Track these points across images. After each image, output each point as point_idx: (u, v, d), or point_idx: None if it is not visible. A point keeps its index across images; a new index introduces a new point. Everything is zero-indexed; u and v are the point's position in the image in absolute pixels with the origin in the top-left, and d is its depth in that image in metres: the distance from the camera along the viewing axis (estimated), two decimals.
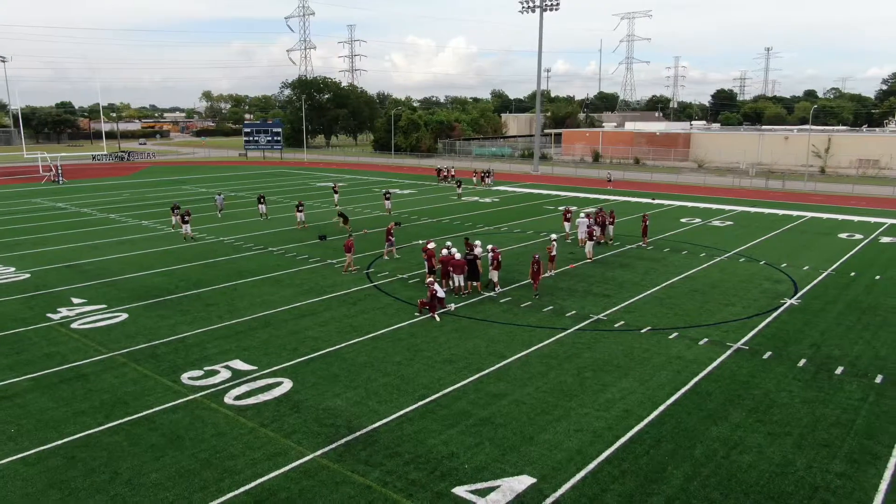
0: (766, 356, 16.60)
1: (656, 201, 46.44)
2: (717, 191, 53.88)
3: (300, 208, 35.98)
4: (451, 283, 22.25)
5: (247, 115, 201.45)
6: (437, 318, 19.52)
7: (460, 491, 10.76)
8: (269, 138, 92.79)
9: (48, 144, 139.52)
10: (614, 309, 20.62)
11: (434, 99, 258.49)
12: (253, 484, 10.96)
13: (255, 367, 15.97)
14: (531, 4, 66.93)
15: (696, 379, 15.22)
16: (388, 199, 41.34)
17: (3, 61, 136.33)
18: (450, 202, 46.24)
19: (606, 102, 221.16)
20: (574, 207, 38.25)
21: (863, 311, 20.39)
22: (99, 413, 13.57)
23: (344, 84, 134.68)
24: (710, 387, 14.81)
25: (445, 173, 60.09)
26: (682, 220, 37.97)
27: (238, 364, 16.18)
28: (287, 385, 14.93)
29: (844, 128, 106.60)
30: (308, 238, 32.23)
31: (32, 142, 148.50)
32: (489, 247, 23.10)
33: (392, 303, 21.33)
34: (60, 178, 59.76)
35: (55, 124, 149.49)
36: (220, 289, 23.10)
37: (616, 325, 19.03)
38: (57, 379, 15.29)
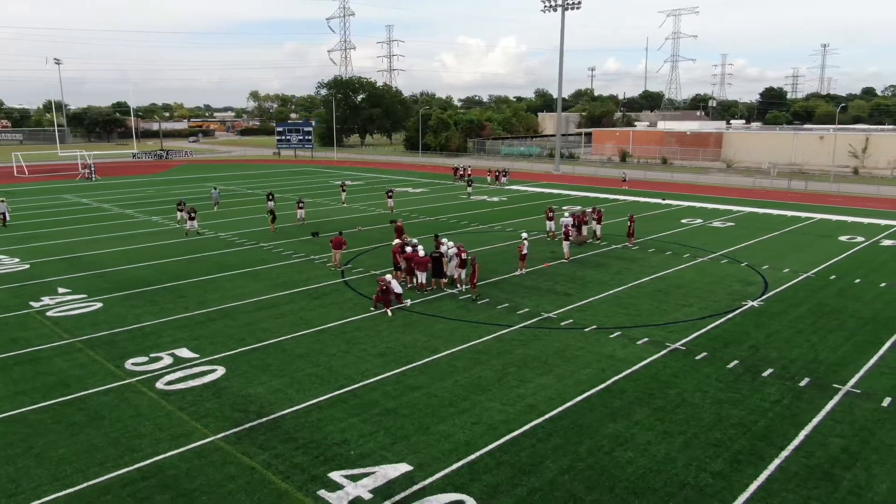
0: (699, 357, 16.54)
1: (666, 201, 45.83)
2: (733, 191, 52.73)
3: (300, 205, 36.99)
4: (415, 279, 22.72)
5: (292, 115, 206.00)
6: (390, 314, 20.02)
7: (335, 475, 11.26)
8: (301, 137, 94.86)
9: (98, 143, 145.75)
10: (568, 308, 20.74)
11: (477, 98, 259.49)
12: (147, 462, 11.70)
13: (198, 356, 16.80)
14: (553, 3, 66.66)
15: (616, 377, 15.31)
16: (390, 197, 42.04)
17: (58, 63, 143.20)
18: (457, 201, 46.63)
19: (651, 101, 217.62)
20: (557, 207, 38.15)
21: (823, 314, 19.97)
22: (37, 393, 14.57)
23: (380, 84, 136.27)
24: (627, 385, 14.90)
25: (462, 172, 60.44)
26: (683, 221, 37.46)
27: (183, 352, 17.04)
28: (219, 373, 15.69)
29: (890, 127, 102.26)
30: (303, 234, 33.15)
31: (85, 140, 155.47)
32: (450, 244, 23.47)
33: (353, 298, 21.94)
34: (93, 175, 62.64)
35: (105, 123, 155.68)
36: (197, 282, 24.14)
37: (563, 324, 19.18)
38: (12, 361, 16.42)
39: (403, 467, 11.49)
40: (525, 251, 24.97)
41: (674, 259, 27.49)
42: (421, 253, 22.65)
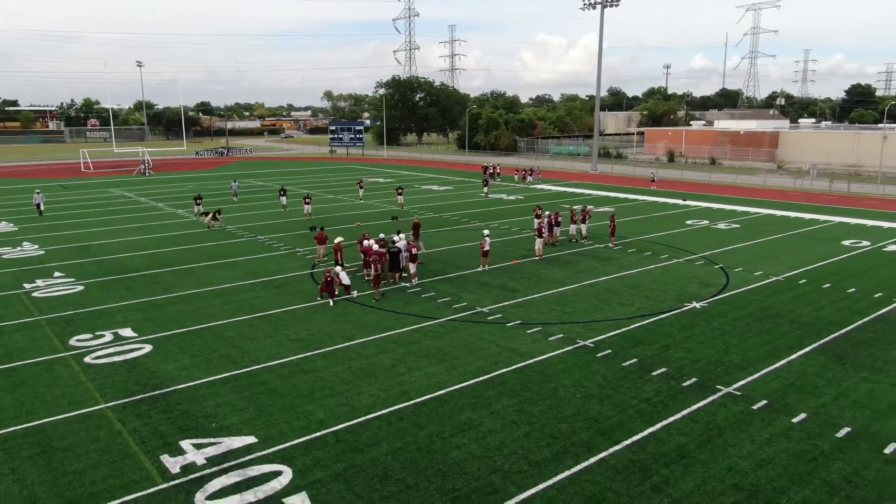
0: (600, 354, 16.67)
1: (686, 202, 44.77)
2: (766, 193, 50.69)
3: (307, 200, 38.64)
4: (370, 272, 23.62)
5: (364, 114, 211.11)
6: (332, 303, 21.04)
7: (185, 443, 12.35)
8: (352, 136, 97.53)
9: (175, 140, 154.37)
10: (507, 303, 21.13)
11: (547, 97, 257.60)
12: (36, 423, 13.17)
13: (136, 335, 18.36)
14: (591, 2, 65.90)
15: (504, 370, 15.72)
16: (400, 194, 43.10)
17: (140, 66, 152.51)
18: (473, 199, 47.15)
19: (728, 99, 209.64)
20: (567, 206, 38.03)
21: (762, 317, 19.50)
22: None
23: (438, 83, 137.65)
24: (510, 377, 15.29)
25: (491, 170, 60.85)
26: (688, 222, 36.65)
27: (126, 331, 18.64)
28: (145, 350, 17.15)
29: None
30: (300, 229, 34.70)
31: (163, 138, 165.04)
32: (400, 238, 24.29)
33: (311, 288, 23.07)
34: (147, 171, 66.98)
35: (181, 123, 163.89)
36: (177, 270, 25.97)
37: (490, 318, 19.62)
38: None
39: (248, 440, 12.46)
40: (487, 248, 25.43)
41: (648, 259, 27.19)
42: (375, 247, 23.54)
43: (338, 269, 22.30)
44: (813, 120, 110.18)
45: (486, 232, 26.11)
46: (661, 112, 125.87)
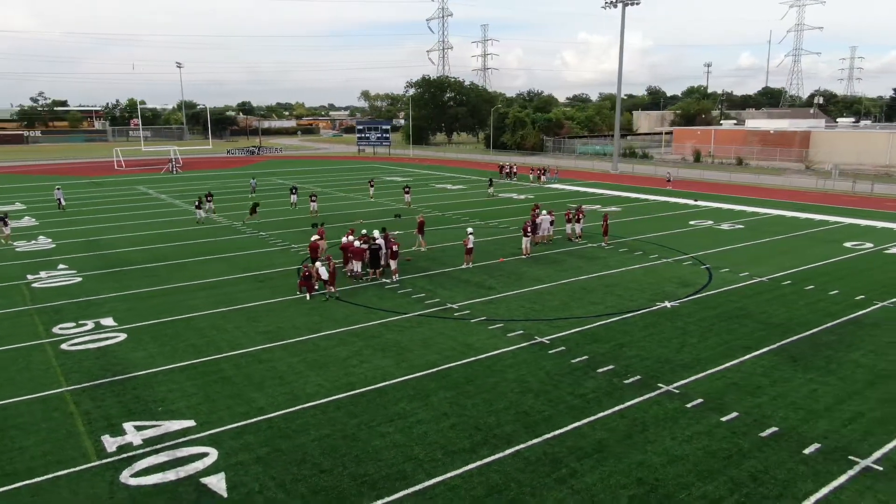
0: (553, 351, 16.85)
1: (697, 202, 44.21)
2: (783, 194, 49.58)
3: (313, 199, 39.55)
4: (351, 267, 24.21)
5: (400, 114, 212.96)
6: (308, 297, 21.66)
7: (128, 425, 13.05)
8: (379, 136, 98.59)
9: (212, 140, 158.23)
10: (479, 300, 21.42)
11: (584, 96, 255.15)
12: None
13: (115, 324, 19.27)
14: (613, 0, 65.34)
15: (454, 364, 16.04)
16: (407, 193, 43.64)
17: (180, 67, 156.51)
18: (482, 198, 47.38)
19: (770, 98, 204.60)
20: (567, 205, 37.97)
21: (730, 318, 19.36)
22: None
23: (468, 83, 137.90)
24: (456, 371, 15.61)
25: (507, 169, 60.96)
26: (691, 223, 36.25)
27: (107, 321, 19.58)
28: (119, 339, 18.01)
29: None
30: (304, 225, 35.52)
31: (201, 137, 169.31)
32: (376, 234, 24.81)
33: (295, 283, 23.72)
34: (175, 169, 69.07)
35: (218, 122, 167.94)
36: (174, 264, 26.98)
37: (457, 314, 19.95)
38: None
39: (187, 423, 13.10)
40: (470, 245, 25.74)
41: (636, 259, 27.10)
42: (356, 244, 24.10)
43: (318, 264, 22.91)
44: (852, 119, 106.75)
45: (469, 230, 26.41)
46: (694, 111, 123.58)
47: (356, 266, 24.00)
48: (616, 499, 10.46)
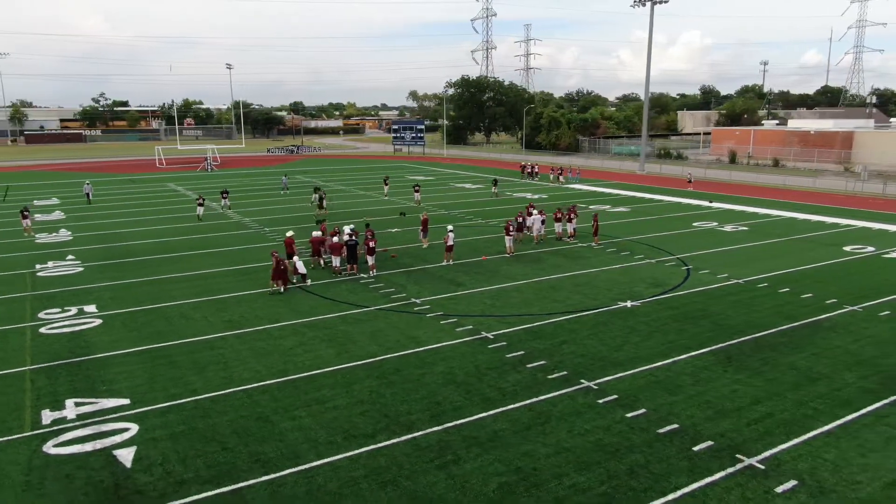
0: (493, 346, 17.22)
1: (713, 203, 43.43)
2: (805, 196, 48.07)
3: (317, 192, 41.01)
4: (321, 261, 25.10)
5: (451, 114, 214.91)
6: (282, 290, 22.58)
7: (69, 401, 14.13)
8: (414, 135, 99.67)
9: (260, 139, 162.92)
10: (445, 295, 21.92)
11: (634, 96, 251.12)
12: None
13: (96, 311, 20.60)
14: None
15: (392, 355, 16.62)
16: (417, 191, 44.35)
17: (229, 68, 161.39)
18: (488, 198, 47.61)
19: (829, 97, 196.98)
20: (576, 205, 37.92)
21: (685, 319, 19.29)
22: None
23: (507, 82, 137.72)
24: (391, 362, 16.17)
25: (529, 169, 60.99)
26: (695, 224, 35.74)
27: (90, 307, 20.93)
28: (94, 324, 19.29)
29: None
30: (310, 222, 36.63)
31: (249, 136, 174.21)
32: (348, 229, 25.81)
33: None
34: (210, 167, 71.67)
35: (266, 122, 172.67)
36: (173, 256, 28.39)
37: (416, 309, 20.52)
38: None
39: (123, 401, 14.10)
40: (450, 243, 26.24)
41: (619, 259, 27.07)
42: (335, 239, 24.94)
43: (294, 258, 23.84)
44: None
45: (449, 227, 26.89)
46: (739, 111, 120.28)
47: (335, 261, 24.82)
48: (485, 484, 10.87)
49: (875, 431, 12.52)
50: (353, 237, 25.11)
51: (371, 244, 24.72)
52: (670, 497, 10.49)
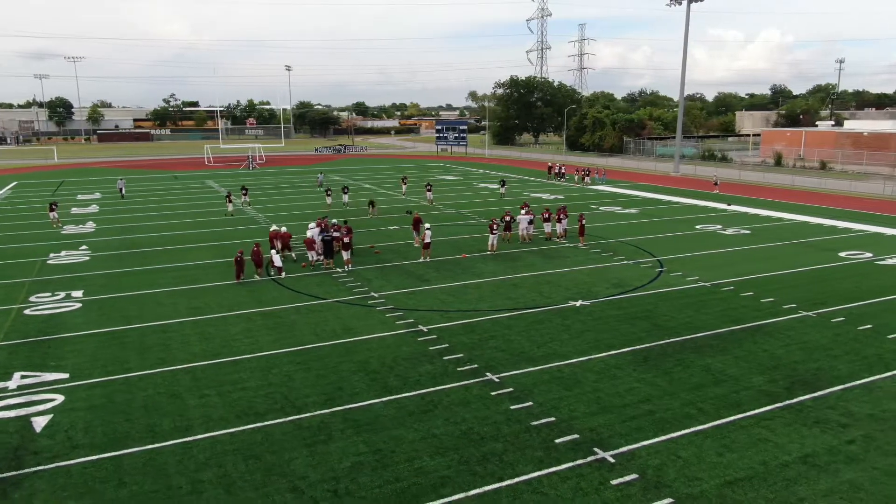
0: (423, 339, 17.85)
1: (731, 206, 42.44)
2: (835, 200, 46.16)
3: (345, 191, 42.54)
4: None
5: (500, 114, 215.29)
6: (238, 281, 23.79)
7: (16, 374, 15.67)
8: (456, 135, 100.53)
9: (317, 138, 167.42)
10: (404, 290, 22.68)
11: (698, 96, 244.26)
12: None
13: (81, 296, 22.40)
14: None
15: (324, 343, 17.52)
16: (429, 190, 45.18)
17: (289, 70, 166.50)
18: (508, 198, 47.92)
19: None
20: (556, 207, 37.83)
21: (626, 319, 19.37)
22: None
23: (557, 83, 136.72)
24: (320, 350, 17.07)
25: (556, 170, 60.84)
26: (697, 227, 35.14)
27: (77, 293, 22.76)
28: (73, 307, 21.04)
29: None
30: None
31: (307, 136, 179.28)
32: (312, 225, 27.07)
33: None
34: (252, 165, 74.65)
35: (322, 122, 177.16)
36: (174, 249, 30.23)
37: (369, 302, 21.36)
38: None
39: (62, 375, 15.54)
40: (427, 240, 26.95)
41: (597, 259, 27.12)
42: (308, 234, 26.09)
43: (272, 252, 25.12)
44: None
45: (426, 226, 27.58)
46: (799, 111, 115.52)
47: (311, 255, 25.95)
48: (339, 462, 11.61)
49: (748, 433, 12.53)
50: (329, 232, 26.16)
51: (346, 240, 25.72)
52: (506, 483, 10.95)
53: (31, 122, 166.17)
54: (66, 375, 15.57)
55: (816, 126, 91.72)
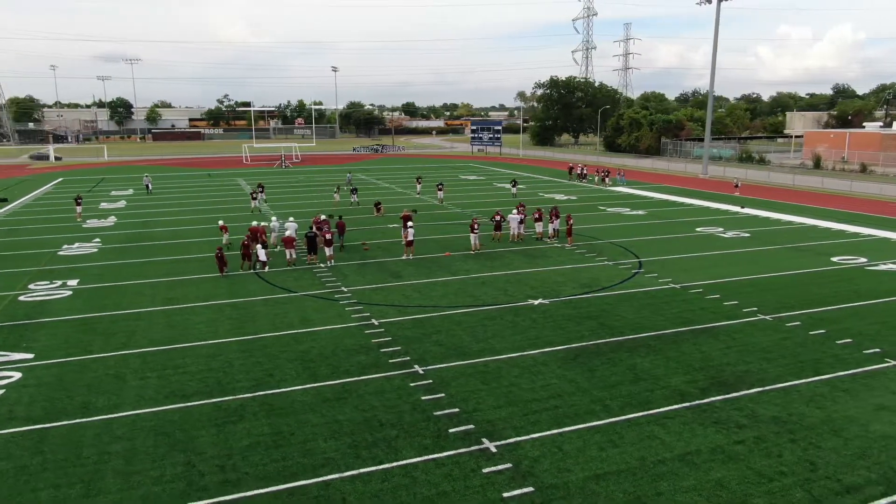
0: (370, 331, 18.51)
1: (744, 209, 41.59)
2: (857, 204, 44.52)
3: (354, 192, 43.61)
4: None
5: (539, 114, 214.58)
6: (222, 274, 24.94)
7: None
8: (491, 136, 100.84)
9: (361, 138, 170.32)
10: (374, 286, 23.40)
11: (754, 95, 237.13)
12: None
13: (75, 285, 23.98)
14: None
15: (277, 333, 18.35)
16: (440, 189, 45.80)
17: (335, 71, 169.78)
18: (519, 199, 48.07)
19: None
20: (548, 206, 37.82)
21: (577, 318, 19.53)
22: None
23: (598, 83, 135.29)
24: (267, 340, 17.93)
25: (578, 170, 60.55)
26: (697, 229, 34.69)
27: (73, 282, 24.36)
28: (65, 295, 22.60)
29: None
30: None
31: (352, 135, 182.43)
32: (288, 222, 28.02)
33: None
34: (285, 164, 76.81)
35: (367, 122, 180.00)
36: (177, 243, 31.84)
37: (335, 296, 22.17)
38: None
39: (28, 356, 16.85)
40: (410, 238, 27.62)
41: (578, 260, 27.25)
42: (287, 233, 27.12)
43: (258, 246, 26.23)
44: None
45: (409, 224, 28.23)
46: (851, 112, 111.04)
47: (289, 253, 26.89)
48: (239, 441, 12.36)
49: (641, 430, 12.71)
50: (312, 229, 27.12)
51: (328, 236, 26.63)
52: (383, 466, 11.50)
53: (93, 121, 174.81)
54: (31, 356, 16.88)
55: (864, 127, 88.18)
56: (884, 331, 18.24)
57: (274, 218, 29.13)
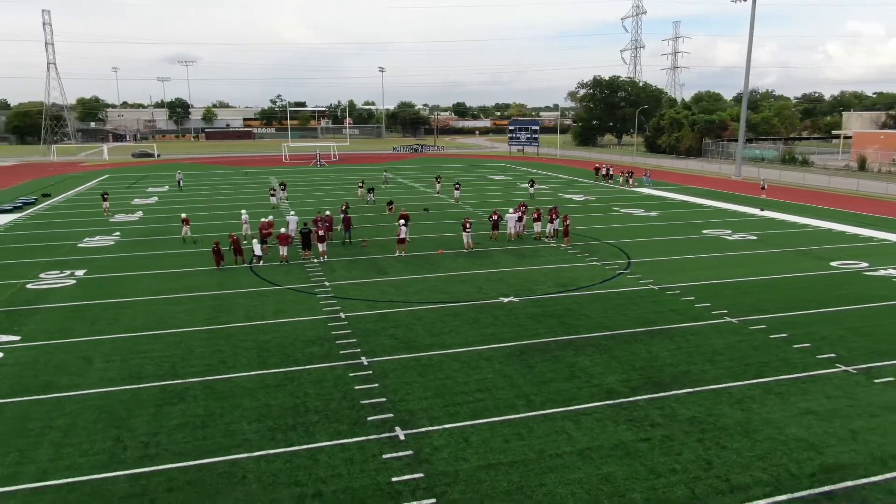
0: (335, 324, 19.21)
1: (764, 212, 40.60)
2: (882, 206, 42.78)
3: (362, 186, 44.64)
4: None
5: (581, 114, 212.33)
6: (217, 268, 26.08)
7: None
8: (529, 136, 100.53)
9: (407, 137, 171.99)
10: (356, 281, 24.14)
11: (816, 95, 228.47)
12: None
13: (82, 275, 25.56)
14: None
15: (248, 323, 19.29)
16: (457, 189, 46.25)
17: (382, 71, 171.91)
18: (535, 199, 48.12)
19: None
20: (553, 205, 37.62)
21: (542, 316, 19.74)
22: None
23: (642, 82, 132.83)
24: (236, 330, 18.83)
25: (604, 171, 59.98)
26: (704, 231, 34.12)
27: (80, 272, 25.97)
28: (69, 284, 24.16)
29: None
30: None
31: (399, 135, 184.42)
32: (289, 216, 28.96)
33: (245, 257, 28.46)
34: (319, 163, 78.65)
35: (412, 122, 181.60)
36: (187, 237, 33.30)
37: (315, 290, 22.99)
38: (8, 262, 27.40)
39: (14, 338, 18.23)
40: (403, 236, 28.24)
41: (566, 259, 27.33)
42: (283, 230, 28.10)
43: (254, 241, 27.34)
44: None
45: (401, 222, 28.84)
46: None
47: (282, 250, 27.81)
48: (170, 420, 13.22)
49: (552, 425, 12.96)
50: (307, 226, 28.05)
51: (320, 233, 27.50)
52: (291, 448, 12.15)
53: (152, 121, 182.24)
54: (17, 338, 18.25)
55: None
56: (848, 336, 17.82)
57: (293, 212, 30.27)
